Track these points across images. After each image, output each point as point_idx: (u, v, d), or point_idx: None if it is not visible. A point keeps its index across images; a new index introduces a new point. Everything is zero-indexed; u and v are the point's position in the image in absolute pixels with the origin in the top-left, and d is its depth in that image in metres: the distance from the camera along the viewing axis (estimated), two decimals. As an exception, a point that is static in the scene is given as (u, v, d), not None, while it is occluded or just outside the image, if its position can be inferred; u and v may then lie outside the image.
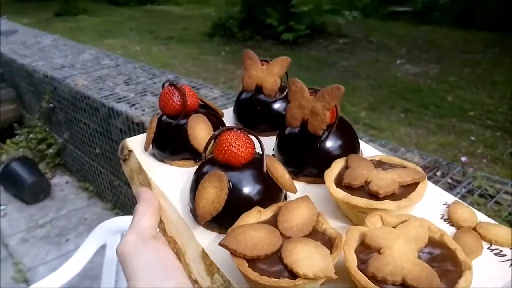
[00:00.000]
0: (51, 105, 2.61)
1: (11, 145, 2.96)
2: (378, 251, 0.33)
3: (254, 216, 0.38)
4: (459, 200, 0.44)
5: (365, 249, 0.34)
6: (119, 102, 2.01)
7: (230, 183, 0.41)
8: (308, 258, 0.33)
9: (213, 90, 2.15)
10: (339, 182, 0.43)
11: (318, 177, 0.47)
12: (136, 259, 0.40)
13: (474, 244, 0.38)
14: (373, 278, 0.31)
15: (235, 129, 0.43)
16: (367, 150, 0.55)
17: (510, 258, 0.37)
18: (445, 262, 0.33)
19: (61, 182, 2.72)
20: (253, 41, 5.55)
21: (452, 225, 0.41)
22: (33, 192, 2.46)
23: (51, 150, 2.78)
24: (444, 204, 0.44)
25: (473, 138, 2.95)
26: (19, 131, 3.02)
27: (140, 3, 9.30)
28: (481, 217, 0.42)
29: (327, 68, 4.64)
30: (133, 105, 1.97)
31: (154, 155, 0.54)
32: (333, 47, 5.40)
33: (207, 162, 0.44)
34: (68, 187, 2.67)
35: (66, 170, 2.85)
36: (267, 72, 0.59)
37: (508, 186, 1.12)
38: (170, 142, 0.52)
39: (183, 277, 0.39)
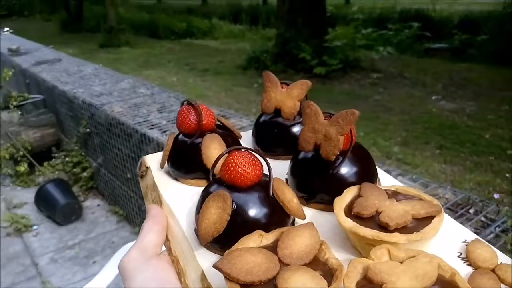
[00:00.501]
0: (87, 130, 2.71)
1: (48, 167, 3.07)
2: (381, 286, 0.31)
3: (255, 239, 0.37)
4: (480, 238, 0.41)
5: (367, 284, 0.32)
6: (151, 128, 2.06)
7: (234, 204, 0.40)
8: None
9: (242, 119, 2.17)
10: (349, 210, 0.41)
11: (329, 205, 0.45)
12: (136, 276, 0.40)
13: (491, 287, 0.35)
14: None
15: (243, 150, 0.42)
16: (386, 179, 0.52)
17: None
18: None
19: (92, 204, 2.78)
20: (286, 74, 5.62)
21: (470, 265, 0.38)
22: (65, 213, 2.52)
23: (85, 174, 2.86)
24: (463, 242, 0.41)
25: (510, 176, 2.80)
26: (56, 154, 3.13)
27: (179, 37, 9.67)
28: (503, 258, 0.39)
29: (358, 102, 4.61)
30: (165, 131, 2.01)
31: (169, 173, 0.54)
32: (366, 82, 5.38)
33: (214, 182, 0.44)
34: (99, 210, 2.72)
35: (98, 193, 2.92)
36: (287, 95, 0.58)
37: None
38: (184, 161, 0.52)
39: None
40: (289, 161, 0.51)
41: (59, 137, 3.34)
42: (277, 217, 0.41)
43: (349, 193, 0.43)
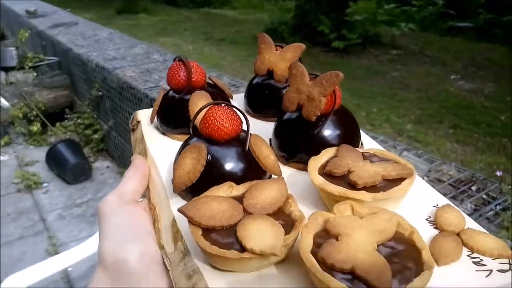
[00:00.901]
0: (100, 93, 2.74)
1: (60, 128, 3.13)
2: (337, 238, 0.32)
3: (225, 190, 0.38)
4: (451, 204, 0.41)
5: (325, 235, 0.33)
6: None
7: (209, 156, 0.41)
8: (260, 234, 0.32)
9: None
10: (322, 169, 0.42)
11: (306, 164, 0.45)
12: (110, 219, 0.41)
13: (452, 248, 0.35)
14: (322, 263, 0.30)
15: (223, 105, 0.43)
16: (370, 145, 0.53)
17: (489, 268, 0.34)
18: (406, 259, 0.31)
19: (102, 166, 2.84)
20: (303, 46, 5.50)
21: (436, 228, 0.39)
22: (74, 173, 2.59)
23: (96, 136, 2.91)
24: (434, 206, 0.42)
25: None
26: (69, 116, 3.18)
27: (197, 6, 9.54)
28: (471, 224, 0.39)
29: (376, 78, 4.53)
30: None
31: (158, 128, 0.56)
32: (385, 58, 5.26)
33: (193, 135, 0.44)
34: (108, 171, 2.77)
35: (108, 155, 2.97)
36: (280, 58, 0.58)
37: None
38: (172, 116, 0.53)
39: (151, 242, 0.40)
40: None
41: (72, 99, 3.38)
42: (252, 172, 0.42)
43: (326, 154, 0.44)
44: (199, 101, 0.50)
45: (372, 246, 0.31)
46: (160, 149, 0.51)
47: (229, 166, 0.41)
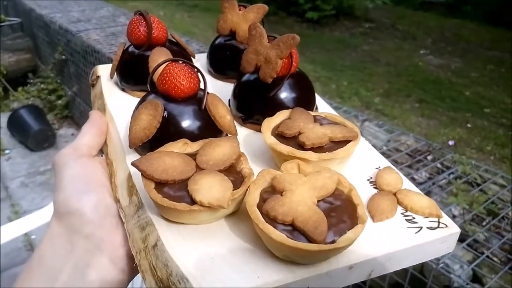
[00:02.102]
0: (63, 57, 2.64)
1: (22, 93, 3.02)
2: (281, 193, 0.34)
3: (179, 147, 0.39)
4: (392, 166, 0.44)
5: (271, 191, 0.35)
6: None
7: (165, 113, 0.41)
8: (209, 188, 0.34)
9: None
10: (275, 131, 0.43)
11: None
12: (65, 170, 0.41)
13: (387, 206, 0.38)
14: (266, 215, 0.32)
15: (180, 62, 0.43)
16: (323, 108, 0.54)
17: (419, 226, 0.37)
18: (342, 213, 0.33)
19: (67, 133, 2.77)
20: (277, 16, 5.47)
21: (376, 188, 0.42)
22: (37, 139, 2.52)
23: (60, 102, 2.83)
24: (376, 168, 0.44)
25: (484, 135, 2.88)
26: (32, 81, 3.07)
27: (169, -31, 9.19)
28: (408, 185, 0.42)
29: (347, 51, 4.55)
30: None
31: (118, 84, 0.56)
32: (357, 31, 5.29)
33: (151, 92, 0.45)
34: (73, 139, 2.70)
35: (73, 122, 2.90)
36: (243, 18, 0.58)
37: (497, 176, 1.10)
38: (131, 72, 0.53)
39: (106, 194, 0.41)
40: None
41: (36, 63, 3.26)
42: (208, 131, 0.43)
43: (280, 116, 0.45)
44: (159, 58, 0.49)
45: (312, 200, 0.33)
46: (118, 105, 0.51)
47: (185, 123, 0.42)
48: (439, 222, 0.38)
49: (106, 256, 0.37)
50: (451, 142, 2.31)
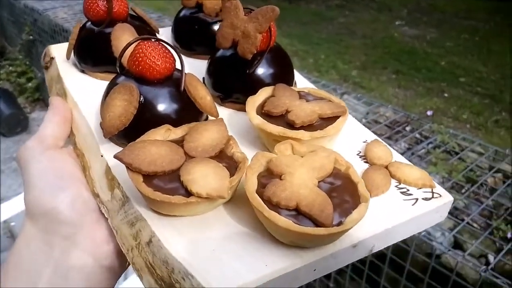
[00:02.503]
0: (31, 37, 2.53)
1: (-10, 76, 2.89)
2: (280, 177, 0.33)
3: (162, 133, 0.36)
4: (379, 139, 0.43)
5: (268, 175, 0.33)
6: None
7: (142, 98, 0.38)
8: (205, 177, 0.32)
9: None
10: (260, 110, 0.41)
11: (245, 104, 0.45)
12: (33, 166, 0.38)
13: (382, 180, 0.38)
14: (268, 202, 0.31)
15: (153, 40, 0.40)
16: (302, 83, 0.53)
17: (415, 197, 0.37)
18: (344, 193, 0.32)
19: (39, 117, 2.69)
20: (251, -11, 5.33)
21: (366, 162, 0.41)
22: (9, 124, 2.43)
23: (30, 84, 2.73)
24: (364, 142, 0.44)
25: (460, 104, 2.93)
26: (-1, 63, 2.94)
27: None
28: (397, 157, 0.42)
29: (323, 24, 4.51)
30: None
31: (76, 65, 0.51)
32: (333, 3, 5.23)
33: (121, 74, 0.41)
34: (47, 123, 2.62)
35: (45, 105, 2.81)
36: None
37: (474, 144, 1.12)
38: (92, 52, 0.49)
39: (82, 188, 0.38)
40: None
41: (2, 44, 3.12)
42: (188, 113, 0.40)
43: (263, 93, 0.43)
44: (122, 36, 0.46)
45: (313, 182, 0.32)
46: (81, 89, 0.47)
47: (164, 107, 0.39)
48: (432, 193, 0.38)
49: (89, 255, 0.35)
50: (429, 112, 2.34)
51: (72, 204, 0.36)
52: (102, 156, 0.38)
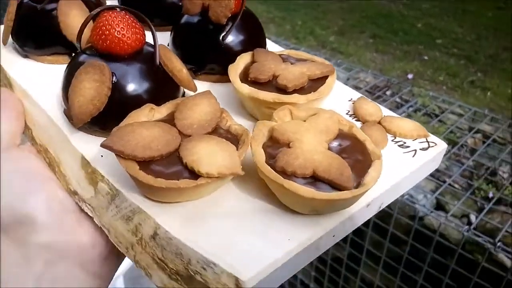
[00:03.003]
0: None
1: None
2: (288, 145, 0.34)
3: (146, 114, 0.36)
4: (364, 97, 0.46)
5: (274, 144, 0.34)
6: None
7: (114, 77, 0.37)
8: (211, 156, 0.31)
9: None
10: (245, 77, 0.42)
11: (220, 75, 0.45)
12: None
13: (379, 136, 0.40)
14: (282, 172, 0.31)
15: (118, 10, 0.38)
16: (273, 48, 0.53)
17: (413, 149, 0.40)
18: (354, 153, 0.34)
19: None
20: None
21: (358, 120, 0.43)
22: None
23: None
24: (349, 101, 0.46)
25: (436, 66, 2.95)
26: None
27: None
28: (386, 112, 0.45)
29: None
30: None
31: (17, 50, 0.48)
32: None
33: (83, 52, 0.40)
34: None
35: None
36: None
37: (454, 106, 1.12)
38: (35, 33, 0.45)
39: (55, 188, 0.36)
40: (169, 32, 0.48)
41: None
42: (166, 89, 0.40)
43: (243, 60, 0.44)
44: (71, 11, 0.44)
45: (323, 146, 0.34)
46: (28, 77, 0.44)
47: (139, 85, 0.38)
48: (428, 142, 0.41)
49: (73, 263, 0.33)
50: (410, 76, 2.35)
51: (48, 208, 0.33)
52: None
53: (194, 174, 0.30)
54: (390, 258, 1.03)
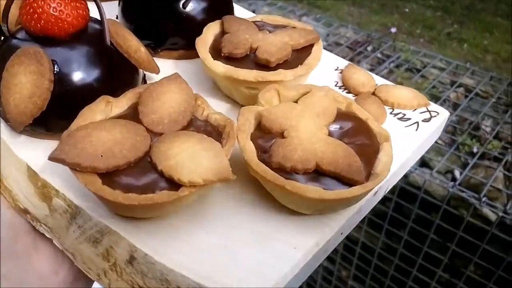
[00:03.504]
0: None
1: None
2: (281, 134, 0.28)
3: (102, 109, 0.28)
4: (352, 63, 0.41)
5: (264, 134, 0.28)
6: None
7: (55, 65, 0.30)
8: (192, 158, 0.25)
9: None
10: (216, 52, 0.35)
11: (185, 50, 0.38)
12: None
13: (377, 110, 0.35)
14: (280, 169, 0.26)
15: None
16: (243, 13, 0.46)
17: (415, 121, 0.35)
18: (358, 135, 0.29)
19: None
20: None
21: (349, 92, 0.38)
22: None
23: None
24: (336, 70, 0.40)
25: (413, 18, 2.90)
26: None
27: None
28: (378, 79, 0.40)
29: None
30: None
31: None
32: None
33: (12, 37, 0.32)
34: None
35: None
36: None
37: (436, 60, 1.08)
38: None
39: (2, 208, 0.30)
40: (116, 2, 0.42)
41: None
42: (123, 75, 0.33)
43: (210, 31, 0.37)
44: None
45: (323, 132, 0.28)
46: None
47: (89, 73, 0.30)
48: (429, 112, 0.37)
49: None
50: (393, 29, 2.29)
51: None
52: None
53: (173, 183, 0.24)
54: (374, 216, 1.01)
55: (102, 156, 0.24)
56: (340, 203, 0.27)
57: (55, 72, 0.29)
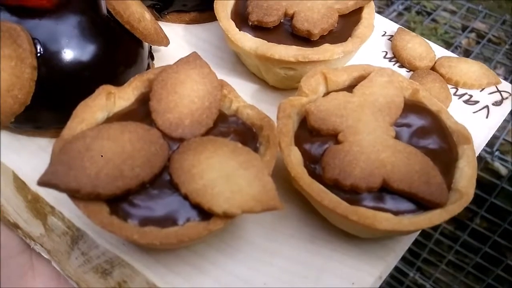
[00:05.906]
0: None
1: None
2: (335, 137, 0.21)
3: (103, 104, 0.21)
4: (403, 28, 0.33)
5: (313, 137, 0.22)
6: None
7: (39, 46, 0.22)
8: (227, 180, 0.18)
9: None
10: (241, 19, 0.27)
11: (198, 12, 0.31)
12: None
13: (440, 92, 0.28)
14: (335, 187, 0.20)
15: None
16: None
17: (484, 105, 0.29)
18: (430, 136, 0.22)
19: None
20: None
21: (402, 66, 0.31)
22: None
23: None
24: (383, 36, 0.32)
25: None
26: None
27: None
28: (437, 50, 0.32)
29: None
30: None
31: None
32: None
33: None
34: None
35: None
36: None
37: (447, 2, 1.00)
38: None
39: None
40: None
41: None
42: (125, 52, 0.25)
43: None
44: None
45: (390, 134, 0.21)
46: None
47: (82, 52, 0.23)
48: (500, 92, 0.30)
49: None
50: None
51: None
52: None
53: (202, 212, 0.18)
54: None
55: (107, 176, 0.18)
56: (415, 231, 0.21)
57: (39, 54, 0.22)
